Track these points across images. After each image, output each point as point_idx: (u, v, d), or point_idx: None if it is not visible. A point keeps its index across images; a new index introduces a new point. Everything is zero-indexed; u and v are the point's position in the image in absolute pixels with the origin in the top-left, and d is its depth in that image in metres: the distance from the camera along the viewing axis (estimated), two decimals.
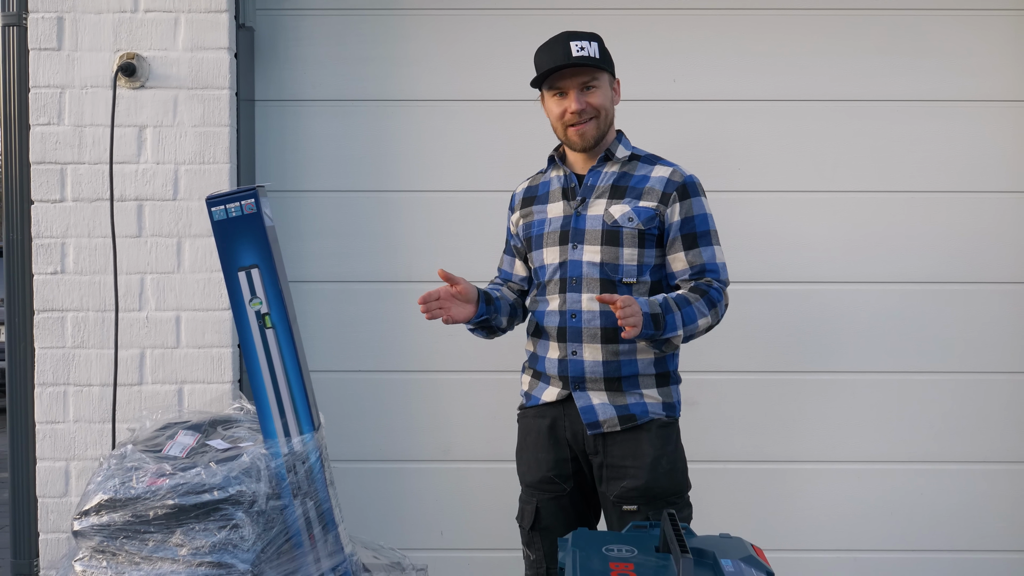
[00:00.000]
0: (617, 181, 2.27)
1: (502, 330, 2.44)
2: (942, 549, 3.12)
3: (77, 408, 2.91)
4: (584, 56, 2.19)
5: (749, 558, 1.85)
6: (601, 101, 2.24)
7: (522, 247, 2.41)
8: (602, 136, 2.27)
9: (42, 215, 2.90)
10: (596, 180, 2.29)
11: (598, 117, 2.24)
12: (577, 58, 2.19)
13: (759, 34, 3.09)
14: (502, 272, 2.51)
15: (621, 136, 2.34)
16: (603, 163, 2.30)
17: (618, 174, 2.28)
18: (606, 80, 2.26)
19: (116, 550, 1.89)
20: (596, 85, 2.23)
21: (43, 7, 2.88)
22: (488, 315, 2.34)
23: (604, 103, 2.25)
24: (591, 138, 2.25)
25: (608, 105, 2.26)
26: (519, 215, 2.41)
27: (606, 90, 2.26)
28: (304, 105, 3.11)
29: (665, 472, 2.21)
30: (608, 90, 2.27)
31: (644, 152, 2.34)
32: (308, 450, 2.00)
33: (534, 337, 2.34)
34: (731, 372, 3.11)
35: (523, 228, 2.38)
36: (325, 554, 2.00)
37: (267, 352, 2.02)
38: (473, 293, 2.28)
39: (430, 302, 2.19)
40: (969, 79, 3.09)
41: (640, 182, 2.26)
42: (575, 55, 2.19)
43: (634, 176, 2.27)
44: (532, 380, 2.35)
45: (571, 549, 1.89)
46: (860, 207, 3.11)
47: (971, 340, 3.11)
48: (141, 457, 1.99)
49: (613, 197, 2.25)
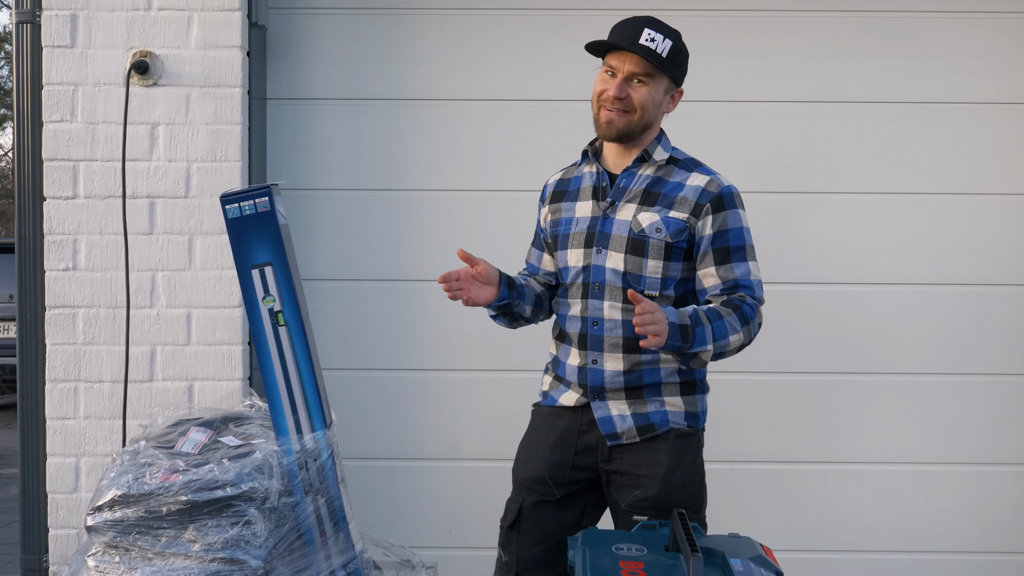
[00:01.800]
0: (650, 187, 2.15)
1: (525, 319, 2.31)
2: (950, 551, 3.12)
3: (88, 404, 2.93)
4: (648, 49, 2.06)
5: (758, 558, 1.86)
6: (644, 99, 2.10)
7: (550, 243, 2.30)
8: (631, 135, 2.13)
9: (54, 212, 2.92)
10: (629, 183, 2.17)
11: (633, 113, 2.10)
12: (640, 47, 2.06)
13: (768, 36, 3.10)
14: (529, 265, 2.41)
15: (662, 137, 2.21)
16: (638, 164, 2.17)
17: (652, 178, 2.16)
18: (663, 84, 2.12)
19: (129, 545, 1.89)
20: (647, 82, 2.09)
21: (57, 4, 2.90)
22: (510, 300, 2.22)
23: (646, 102, 2.10)
24: (615, 130, 2.12)
25: (651, 106, 2.11)
26: (548, 209, 2.31)
27: (656, 92, 2.12)
28: (316, 103, 3.12)
29: (679, 485, 2.12)
30: (659, 93, 2.13)
31: (684, 155, 2.21)
32: (320, 447, 2.00)
33: (557, 340, 2.26)
34: (740, 373, 3.10)
35: (551, 224, 2.28)
36: (336, 551, 2.00)
37: (280, 349, 2.02)
38: (495, 275, 2.17)
39: (451, 281, 2.10)
40: (978, 81, 3.09)
41: (674, 190, 2.14)
42: (641, 42, 2.06)
43: (668, 183, 2.15)
44: (553, 381, 2.28)
45: (581, 548, 1.89)
46: (869, 209, 3.11)
47: (980, 342, 3.11)
48: (154, 453, 1.99)
49: (644, 203, 2.13)
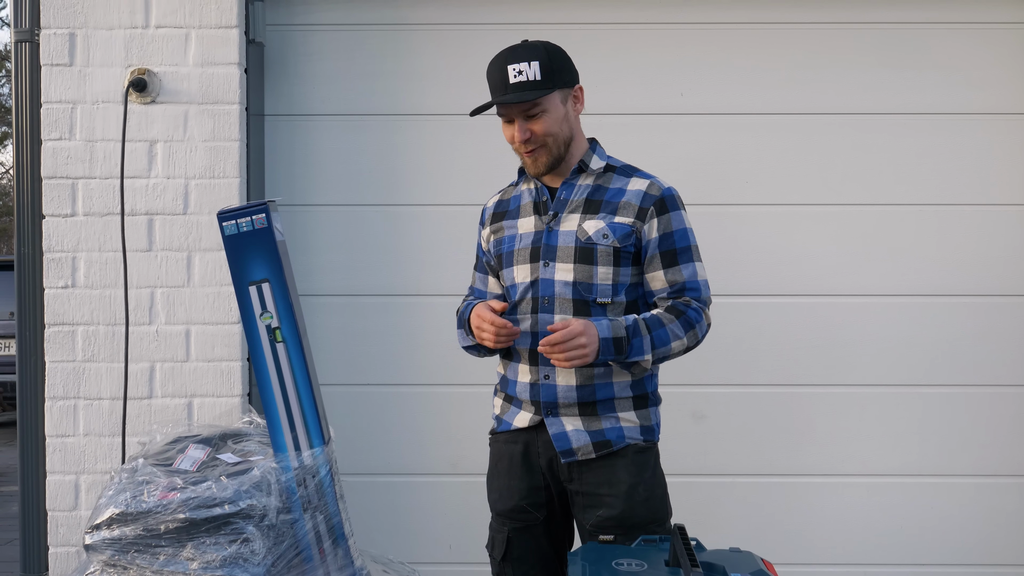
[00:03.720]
0: (591, 195, 2.15)
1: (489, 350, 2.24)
2: (952, 563, 3.11)
3: (87, 422, 2.93)
4: (522, 82, 2.05)
5: (759, 572, 1.85)
6: (547, 127, 2.09)
7: (494, 264, 2.28)
8: (558, 160, 2.14)
9: (53, 229, 2.93)
10: (569, 194, 2.16)
11: (547, 144, 2.11)
12: (511, 88, 2.06)
13: (766, 48, 3.11)
14: (476, 291, 2.37)
15: (595, 145, 2.21)
16: (576, 175, 2.17)
17: (592, 187, 2.16)
18: (555, 100, 2.10)
19: (127, 564, 1.89)
20: (538, 112, 2.08)
21: (55, 23, 2.92)
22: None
23: (551, 128, 2.09)
24: (543, 165, 2.13)
25: (558, 128, 2.11)
26: (489, 230, 2.29)
27: (555, 112, 2.10)
28: (314, 120, 3.13)
29: (642, 501, 2.09)
30: (559, 110, 2.11)
31: (620, 163, 2.21)
32: (318, 464, 2.00)
33: (505, 359, 2.23)
34: (739, 385, 3.11)
35: (494, 244, 2.26)
36: (335, 568, 2.00)
37: (278, 366, 2.03)
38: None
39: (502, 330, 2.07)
40: (975, 92, 3.10)
41: (616, 196, 2.13)
42: (512, 82, 2.06)
43: (609, 189, 2.15)
44: (504, 404, 2.23)
45: (581, 563, 1.88)
46: (868, 220, 3.11)
47: (980, 353, 3.11)
48: (152, 471, 1.99)
49: (587, 212, 2.12)
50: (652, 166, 2.28)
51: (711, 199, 3.01)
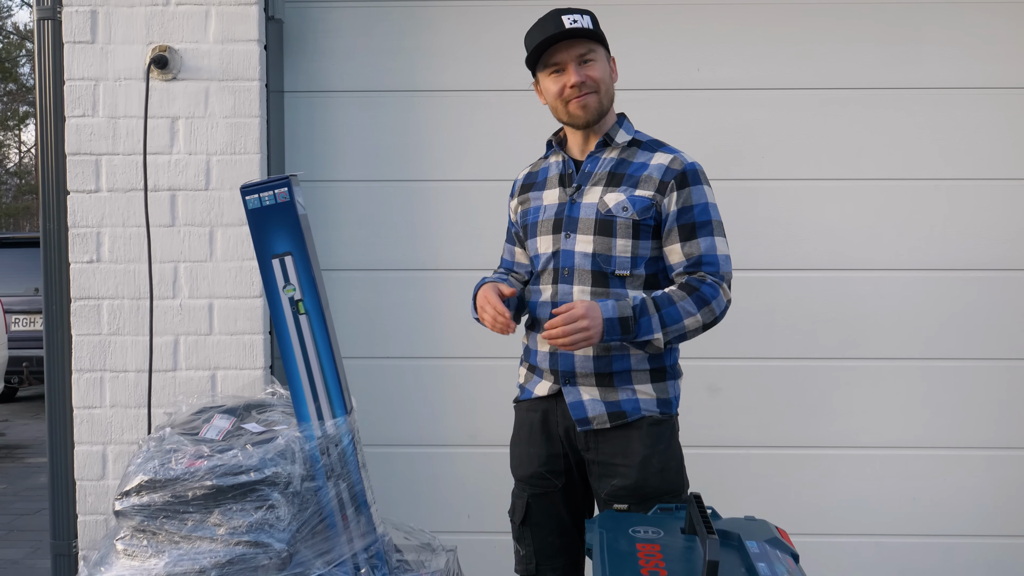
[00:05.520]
0: (615, 168, 2.15)
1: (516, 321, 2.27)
2: (965, 534, 3.12)
3: (113, 393, 2.96)
4: (577, 28, 2.08)
5: (774, 540, 1.86)
6: (600, 74, 2.12)
7: (521, 235, 2.31)
8: (605, 111, 2.16)
9: (78, 205, 2.95)
10: (594, 167, 2.18)
11: (599, 91, 2.12)
12: (570, 31, 2.07)
13: (783, 24, 3.08)
14: (504, 261, 2.41)
15: (623, 120, 2.23)
16: (602, 148, 2.18)
17: (616, 160, 2.17)
18: (603, 54, 2.15)
19: (156, 529, 1.91)
20: (593, 58, 2.12)
21: (77, 1, 2.92)
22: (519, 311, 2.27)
23: (603, 76, 2.13)
24: (594, 111, 2.13)
25: (607, 79, 2.15)
26: (517, 201, 2.32)
27: (604, 64, 2.14)
28: (333, 96, 3.13)
29: (656, 472, 2.11)
30: (606, 64, 2.15)
31: (647, 137, 2.22)
32: (341, 433, 2.02)
33: (528, 329, 2.26)
34: (755, 359, 3.12)
35: (521, 215, 2.29)
36: (358, 534, 2.02)
37: (301, 338, 2.04)
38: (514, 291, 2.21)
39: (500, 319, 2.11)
40: (993, 66, 3.06)
41: (638, 170, 2.14)
42: (568, 27, 2.08)
43: (633, 163, 2.15)
44: (527, 373, 2.27)
45: (598, 531, 1.90)
46: (884, 195, 3.10)
47: (993, 326, 3.10)
48: (179, 440, 2.01)
49: (609, 185, 2.13)
50: (669, 140, 2.26)
51: (727, 174, 2.97)
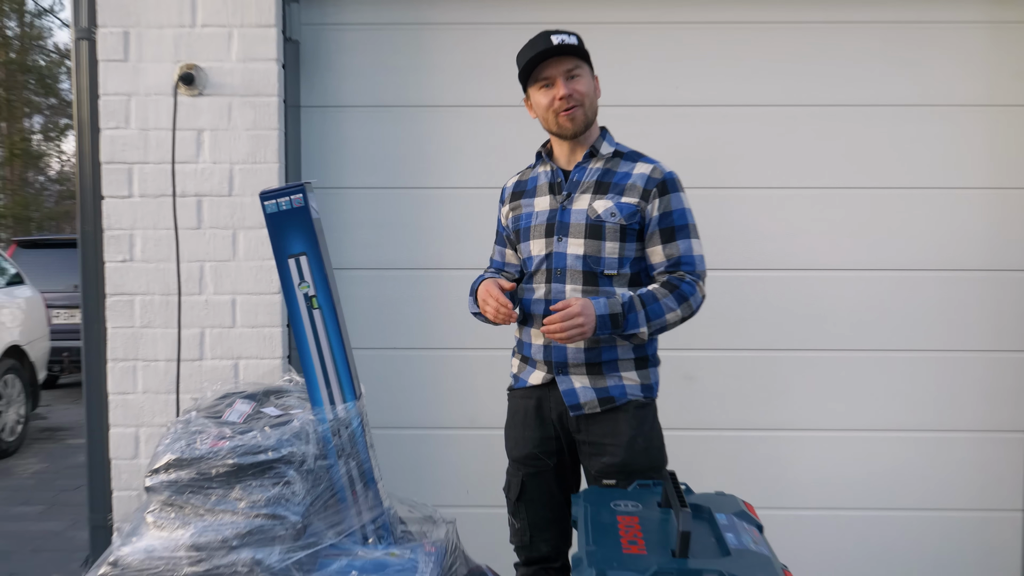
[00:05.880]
0: (601, 177, 2.18)
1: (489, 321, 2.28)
2: (912, 508, 3.15)
3: (145, 381, 2.97)
4: (566, 45, 2.12)
5: (741, 512, 1.89)
6: (586, 88, 2.16)
7: (512, 238, 2.32)
8: (589, 123, 2.19)
9: (112, 210, 2.96)
10: (581, 176, 2.20)
11: (584, 104, 2.15)
12: (560, 46, 2.11)
13: (754, 45, 3.10)
14: (494, 262, 2.42)
15: (605, 133, 2.26)
16: (588, 159, 2.21)
17: (602, 170, 2.19)
18: (588, 71, 2.18)
19: (183, 503, 1.91)
20: (580, 74, 2.15)
21: (111, 22, 2.93)
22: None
23: (588, 91, 2.16)
24: (580, 122, 2.16)
25: (592, 94, 2.18)
26: (509, 208, 2.33)
27: (589, 80, 2.18)
28: (344, 110, 3.15)
29: (641, 450, 2.15)
30: (591, 80, 2.18)
31: (627, 149, 2.25)
32: (351, 416, 2.03)
33: (521, 324, 2.27)
34: (727, 350, 3.14)
35: (512, 220, 2.30)
36: (366, 508, 2.03)
37: (314, 330, 2.05)
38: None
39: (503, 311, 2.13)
40: (941, 85, 3.08)
41: (623, 179, 2.17)
42: (557, 44, 2.11)
43: (617, 173, 2.18)
44: (520, 364, 2.28)
45: (583, 504, 1.93)
46: (844, 201, 3.12)
47: (945, 322, 3.12)
48: (204, 422, 2.01)
49: (597, 192, 2.16)
50: (650, 152, 2.30)
51: (703, 182, 3.00)
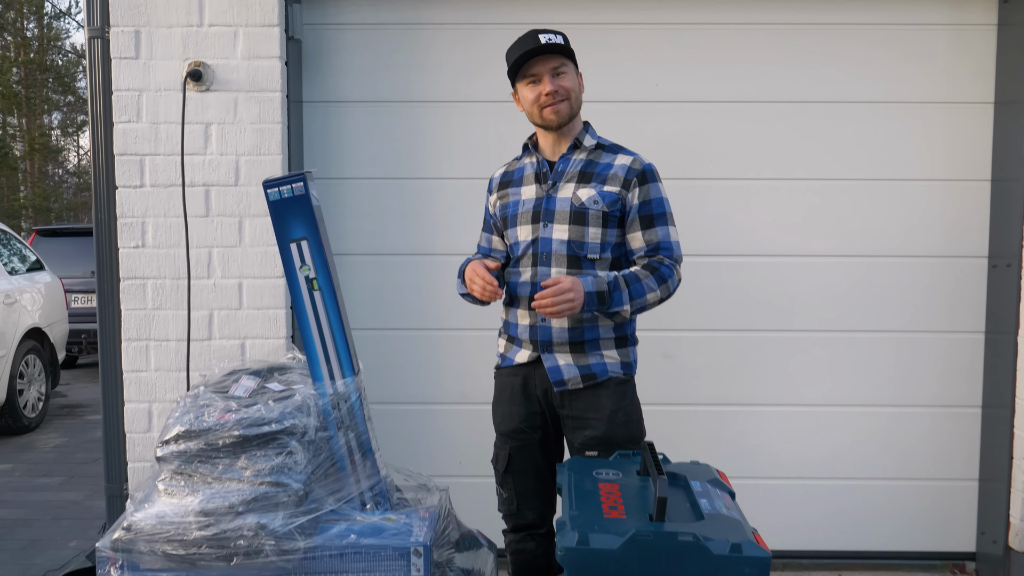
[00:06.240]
0: (584, 167, 2.18)
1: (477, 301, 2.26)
2: (874, 477, 3.15)
3: (157, 359, 2.95)
4: (553, 44, 2.11)
5: (714, 480, 1.89)
6: (571, 84, 2.14)
7: (499, 225, 2.30)
8: (573, 116, 2.18)
9: (125, 199, 2.93)
10: (566, 166, 2.19)
11: (569, 99, 2.14)
12: (545, 46, 2.10)
13: (729, 45, 3.07)
14: (481, 248, 2.40)
15: (588, 127, 2.25)
16: (572, 151, 2.20)
17: (585, 161, 2.19)
18: (573, 68, 2.17)
19: (192, 472, 1.91)
20: (565, 71, 2.14)
21: (123, 22, 2.89)
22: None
23: (573, 87, 2.15)
24: (565, 115, 2.15)
25: (576, 89, 2.17)
26: (496, 196, 2.31)
27: (574, 76, 2.16)
28: (344, 105, 3.11)
29: (622, 423, 2.15)
30: (575, 77, 2.17)
31: (608, 142, 2.24)
32: (349, 391, 2.02)
33: (507, 306, 2.26)
34: (703, 330, 3.13)
35: (500, 208, 2.28)
36: (364, 476, 2.03)
37: (315, 310, 2.04)
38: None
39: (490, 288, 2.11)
40: (901, 84, 3.07)
41: (605, 169, 2.16)
42: (544, 43, 2.10)
43: (599, 163, 2.17)
44: (507, 343, 2.27)
45: (567, 472, 1.92)
46: (814, 192, 3.10)
47: (905, 305, 3.12)
48: (212, 397, 2.01)
49: (581, 182, 2.15)
50: (632, 145, 2.29)
51: (681, 174, 2.99)
